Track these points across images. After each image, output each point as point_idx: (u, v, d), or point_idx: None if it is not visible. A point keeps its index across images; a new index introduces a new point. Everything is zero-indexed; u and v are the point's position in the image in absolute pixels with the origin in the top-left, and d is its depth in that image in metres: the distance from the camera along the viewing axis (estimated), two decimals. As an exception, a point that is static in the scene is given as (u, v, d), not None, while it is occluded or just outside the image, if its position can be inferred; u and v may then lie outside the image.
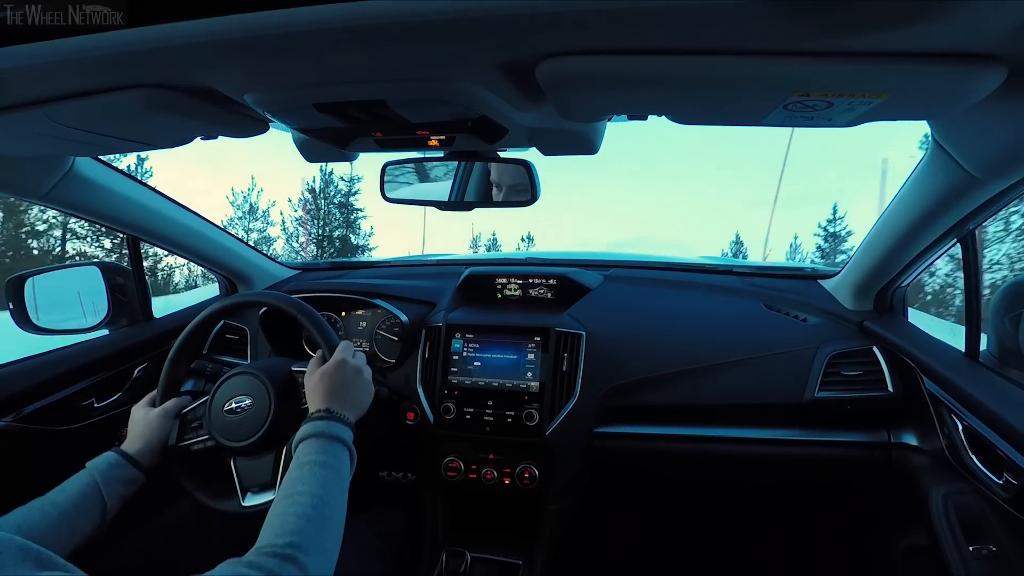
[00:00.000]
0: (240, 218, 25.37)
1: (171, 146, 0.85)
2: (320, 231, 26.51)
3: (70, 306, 1.27)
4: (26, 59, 0.51)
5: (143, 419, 0.92)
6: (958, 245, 0.95)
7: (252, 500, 0.90)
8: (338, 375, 0.84)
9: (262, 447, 0.88)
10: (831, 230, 26.11)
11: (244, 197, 25.59)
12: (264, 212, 26.04)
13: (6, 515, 0.68)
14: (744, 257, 27.59)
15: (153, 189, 1.24)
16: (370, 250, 27.60)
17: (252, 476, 0.91)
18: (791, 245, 28.24)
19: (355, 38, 0.48)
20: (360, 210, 27.62)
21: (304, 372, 0.88)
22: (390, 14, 0.44)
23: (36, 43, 0.49)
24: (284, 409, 0.88)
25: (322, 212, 26.87)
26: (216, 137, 0.83)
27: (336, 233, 26.73)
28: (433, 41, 0.48)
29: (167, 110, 0.64)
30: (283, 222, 26.88)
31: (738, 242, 31.27)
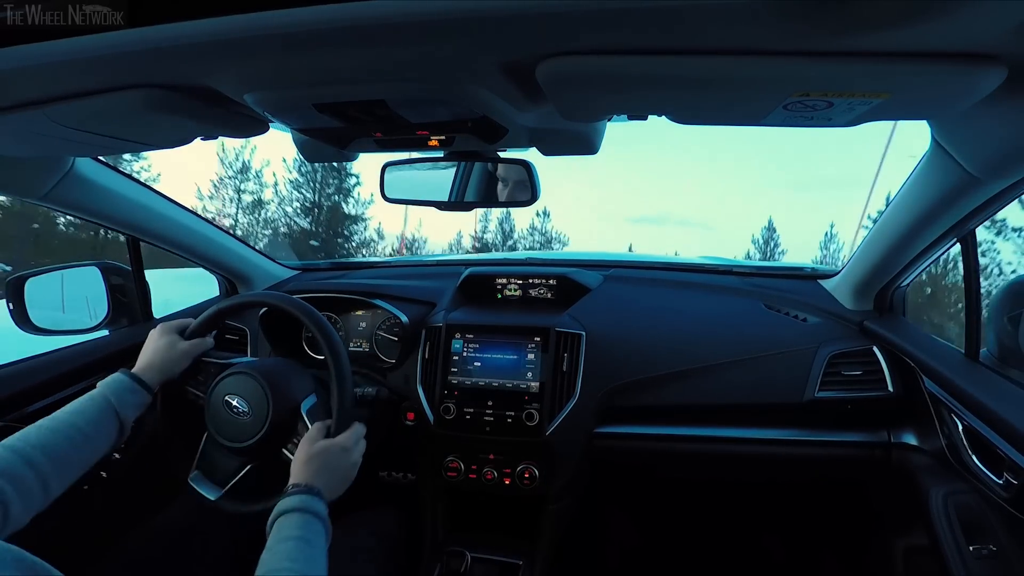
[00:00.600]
0: (231, 177, 22.94)
1: (171, 146, 0.85)
2: (316, 197, 24.19)
3: (70, 306, 1.27)
4: (26, 59, 0.51)
5: (168, 347, 0.90)
6: (958, 245, 0.95)
7: (195, 483, 0.91)
8: (335, 460, 0.82)
9: (239, 453, 0.89)
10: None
11: (236, 154, 23.05)
12: (257, 172, 23.61)
13: (26, 432, 0.70)
14: (776, 246, 25.72)
15: (153, 189, 1.24)
16: (365, 220, 24.88)
17: (212, 465, 0.92)
18: (826, 234, 24.00)
19: (355, 38, 0.48)
20: (356, 175, 24.76)
21: (307, 419, 0.88)
22: (390, 14, 0.44)
23: (36, 43, 0.49)
24: (272, 438, 0.87)
25: (318, 176, 24.21)
26: (216, 137, 0.83)
27: (329, 202, 24.27)
28: (433, 41, 0.48)
29: (167, 110, 0.64)
30: (275, 184, 24.76)
31: (770, 228, 26.49)
